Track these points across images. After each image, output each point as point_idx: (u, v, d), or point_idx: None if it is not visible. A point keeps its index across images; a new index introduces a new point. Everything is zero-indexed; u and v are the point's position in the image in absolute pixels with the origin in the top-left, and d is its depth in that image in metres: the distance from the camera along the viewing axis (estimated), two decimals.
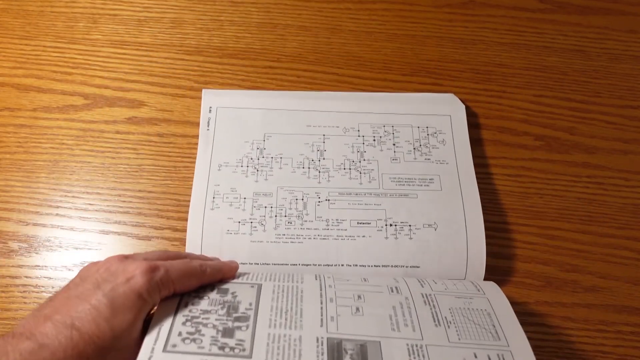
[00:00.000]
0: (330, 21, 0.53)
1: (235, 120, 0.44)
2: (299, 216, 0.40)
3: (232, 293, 0.32)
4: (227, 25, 0.52)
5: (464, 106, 0.47)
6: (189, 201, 0.41)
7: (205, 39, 0.51)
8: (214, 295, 0.32)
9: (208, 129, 0.43)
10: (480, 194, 0.42)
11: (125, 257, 0.31)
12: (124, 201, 0.42)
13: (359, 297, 0.33)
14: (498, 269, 0.42)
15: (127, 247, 0.41)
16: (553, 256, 0.42)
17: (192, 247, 0.39)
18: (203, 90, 0.46)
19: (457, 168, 0.43)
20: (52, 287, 0.39)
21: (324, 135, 0.44)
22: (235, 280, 0.34)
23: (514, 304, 0.33)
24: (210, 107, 0.45)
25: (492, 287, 0.35)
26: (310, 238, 0.39)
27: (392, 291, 0.34)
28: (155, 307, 0.31)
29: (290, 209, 0.40)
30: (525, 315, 0.40)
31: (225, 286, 0.33)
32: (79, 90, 0.48)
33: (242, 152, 0.43)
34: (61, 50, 0.50)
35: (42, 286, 0.39)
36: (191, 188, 0.42)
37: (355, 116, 0.45)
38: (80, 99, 0.47)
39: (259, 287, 0.33)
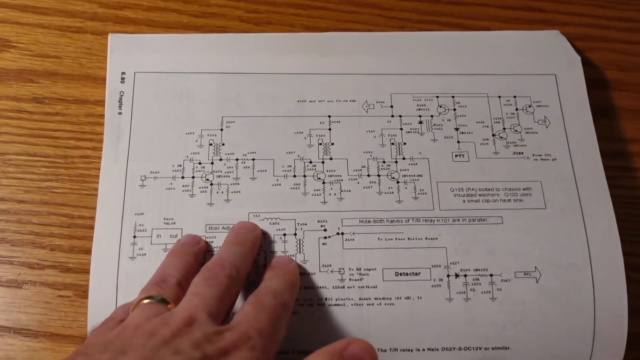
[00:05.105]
0: None
1: (168, 95, 0.33)
2: None
3: None
4: None
5: (579, 57, 0.35)
6: (93, 217, 0.30)
7: None
8: None
9: (120, 112, 0.32)
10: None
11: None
12: None
13: None
14: None
15: None
16: None
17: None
18: (110, 36, 0.34)
19: (573, 168, 0.32)
20: None
21: (329, 117, 0.33)
22: None
23: None
24: (124, 74, 0.33)
25: None
26: (311, 304, 0.29)
27: None
28: None
29: (273, 251, 0.30)
30: None
31: None
32: None
33: (183, 151, 0.32)
34: None
35: None
36: (95, 195, 0.31)
37: (384, 80, 0.34)
38: None
39: None
